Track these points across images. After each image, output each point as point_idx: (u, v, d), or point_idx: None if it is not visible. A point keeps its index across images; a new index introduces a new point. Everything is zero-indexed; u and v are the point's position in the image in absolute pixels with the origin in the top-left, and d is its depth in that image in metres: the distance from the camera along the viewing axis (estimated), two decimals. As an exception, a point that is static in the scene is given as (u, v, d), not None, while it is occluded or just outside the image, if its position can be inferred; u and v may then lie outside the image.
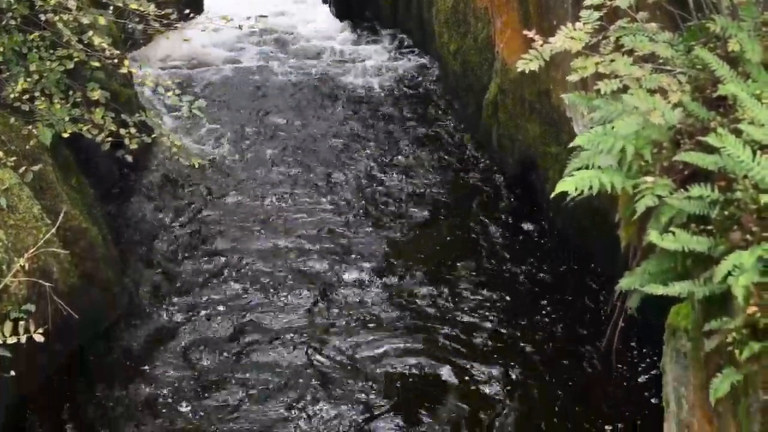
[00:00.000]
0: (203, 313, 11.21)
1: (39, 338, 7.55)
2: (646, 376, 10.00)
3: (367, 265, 11.85)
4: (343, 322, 11.00)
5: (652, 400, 9.52)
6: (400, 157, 14.01)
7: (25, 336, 7.51)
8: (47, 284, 9.04)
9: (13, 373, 8.09)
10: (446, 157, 13.95)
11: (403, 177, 13.49)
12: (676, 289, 6.26)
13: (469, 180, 13.40)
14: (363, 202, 13.01)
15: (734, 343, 5.82)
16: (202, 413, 9.97)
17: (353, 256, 12.01)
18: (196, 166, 11.73)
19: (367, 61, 16.78)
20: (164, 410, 10.01)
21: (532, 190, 12.48)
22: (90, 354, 10.59)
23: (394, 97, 15.63)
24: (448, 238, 12.30)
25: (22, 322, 7.63)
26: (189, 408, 10.02)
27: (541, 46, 7.20)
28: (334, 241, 12.27)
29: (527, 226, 12.33)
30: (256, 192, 13.28)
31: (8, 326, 7.53)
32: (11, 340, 7.50)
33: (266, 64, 16.84)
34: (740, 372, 5.82)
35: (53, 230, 9.33)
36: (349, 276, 11.67)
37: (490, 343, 10.64)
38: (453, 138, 14.42)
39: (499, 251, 11.98)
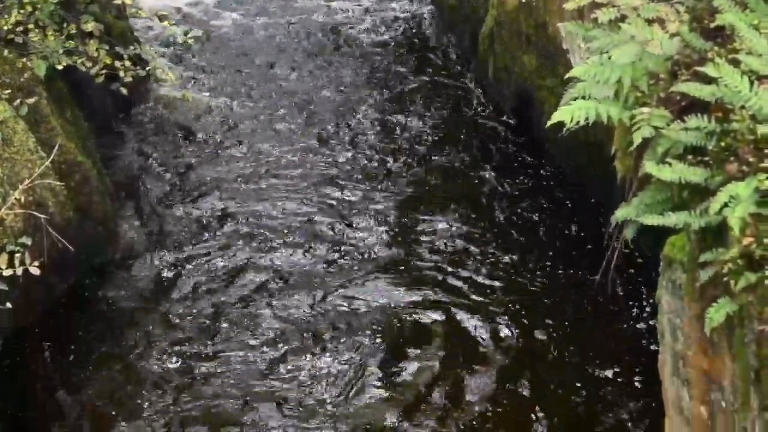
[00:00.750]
0: (199, 248, 11.21)
1: (35, 271, 7.55)
2: (642, 311, 10.03)
3: (365, 206, 11.79)
4: (341, 263, 10.98)
5: (651, 347, 9.53)
6: (397, 94, 13.90)
7: (21, 268, 7.51)
8: (43, 216, 9.02)
9: (9, 305, 8.09)
10: (443, 92, 13.88)
11: (401, 115, 13.39)
12: (672, 219, 6.25)
13: (466, 114, 13.34)
14: (361, 142, 12.91)
15: (730, 273, 5.83)
16: (197, 348, 10.01)
17: (351, 197, 11.94)
18: (189, 100, 11.68)
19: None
20: (160, 346, 10.05)
21: (528, 122, 12.42)
22: (87, 288, 10.61)
23: (389, 35, 15.47)
24: (444, 174, 12.26)
25: (18, 255, 7.63)
26: (184, 343, 10.07)
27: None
28: (331, 183, 12.21)
29: (523, 159, 12.30)
30: (253, 137, 13.13)
31: (4, 258, 7.52)
32: (7, 273, 7.49)
33: (265, 12, 16.55)
34: (735, 302, 5.84)
35: (47, 163, 9.29)
36: (346, 217, 11.63)
37: (487, 279, 10.65)
38: (449, 73, 14.33)
39: (495, 186, 11.96)
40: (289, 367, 9.79)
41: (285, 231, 11.43)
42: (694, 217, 6.19)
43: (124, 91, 10.68)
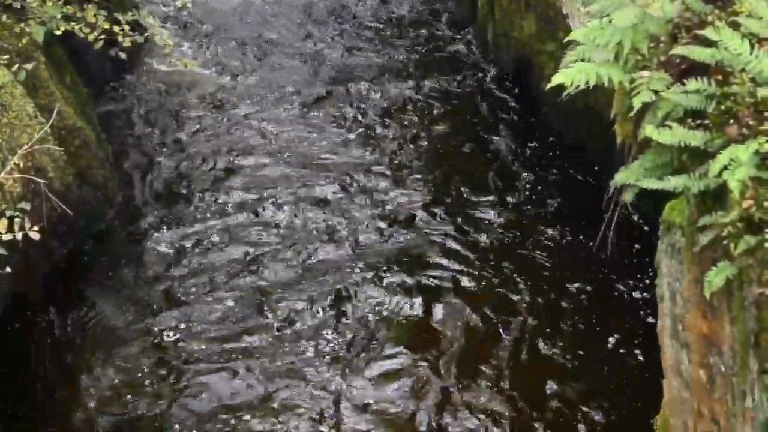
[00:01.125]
0: (197, 212, 11.22)
1: (34, 236, 7.54)
2: (644, 277, 10.05)
3: (367, 175, 11.77)
4: (340, 232, 10.99)
5: (649, 318, 9.55)
6: (398, 64, 13.81)
7: (21, 233, 7.49)
8: (42, 181, 9.01)
9: (9, 270, 8.08)
10: (442, 59, 13.81)
11: (402, 85, 13.29)
12: (672, 183, 6.25)
13: (465, 81, 13.29)
14: (362, 112, 12.83)
15: (729, 236, 5.83)
16: (197, 315, 10.04)
17: (352, 167, 11.91)
18: (188, 68, 11.63)
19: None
20: (157, 312, 10.10)
21: (527, 87, 12.39)
22: (86, 253, 10.62)
23: (389, 5, 15.33)
24: (445, 143, 12.22)
25: (17, 220, 7.61)
26: (183, 308, 10.10)
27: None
28: (332, 153, 12.16)
29: (522, 125, 12.27)
30: (254, 109, 13.02)
31: (3, 223, 7.50)
32: (7, 237, 7.48)
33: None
34: (735, 266, 5.84)
35: (47, 128, 9.27)
36: (348, 187, 11.61)
37: (486, 248, 10.66)
38: (448, 39, 14.26)
39: (493, 153, 11.94)
40: (291, 341, 9.82)
41: (285, 200, 11.40)
42: (693, 181, 6.18)
43: (123, 55, 10.63)
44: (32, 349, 9.73)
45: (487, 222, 10.95)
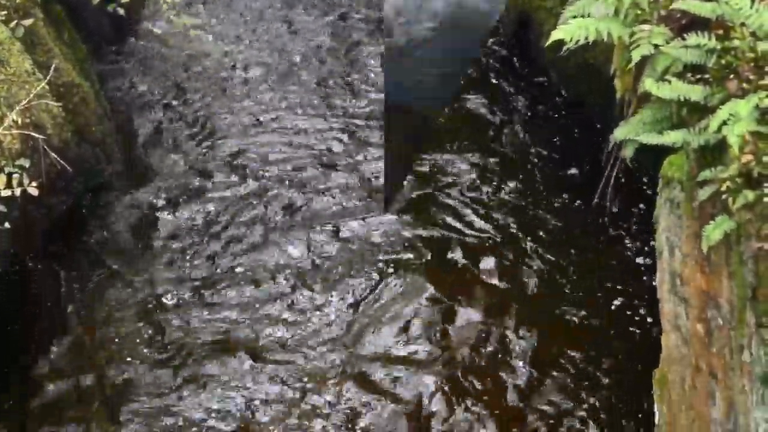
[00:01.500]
0: (195, 170, 11.22)
1: (33, 192, 7.55)
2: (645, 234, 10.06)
3: (369, 142, 11.75)
4: (341, 199, 10.94)
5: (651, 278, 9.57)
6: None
7: (20, 189, 7.50)
8: (40, 137, 9.00)
9: (8, 226, 8.09)
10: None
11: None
12: (671, 138, 6.26)
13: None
14: (366, 83, 12.73)
15: (728, 191, 5.84)
16: (194, 272, 10.07)
17: (354, 136, 11.81)
18: (187, 26, 11.57)
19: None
20: (156, 269, 10.13)
21: (527, 44, 12.34)
22: (85, 208, 10.62)
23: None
24: (442, 103, 12.18)
25: (16, 177, 7.61)
26: (181, 266, 10.12)
27: None
28: (334, 123, 12.04)
29: (521, 82, 12.24)
30: (255, 79, 12.86)
31: (2, 179, 7.50)
32: (6, 193, 7.48)
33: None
34: (734, 220, 5.85)
35: (44, 84, 9.24)
36: (351, 155, 11.54)
37: (485, 206, 10.66)
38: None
39: (492, 108, 11.91)
40: (289, 300, 9.84)
41: (285, 170, 11.37)
42: (693, 136, 6.19)
43: (121, 11, 10.57)
44: (30, 305, 9.73)
45: (487, 182, 10.93)
